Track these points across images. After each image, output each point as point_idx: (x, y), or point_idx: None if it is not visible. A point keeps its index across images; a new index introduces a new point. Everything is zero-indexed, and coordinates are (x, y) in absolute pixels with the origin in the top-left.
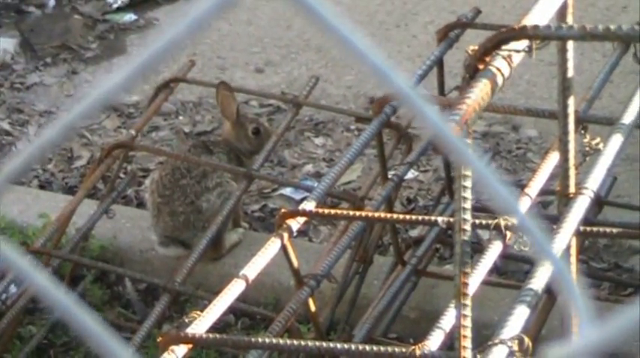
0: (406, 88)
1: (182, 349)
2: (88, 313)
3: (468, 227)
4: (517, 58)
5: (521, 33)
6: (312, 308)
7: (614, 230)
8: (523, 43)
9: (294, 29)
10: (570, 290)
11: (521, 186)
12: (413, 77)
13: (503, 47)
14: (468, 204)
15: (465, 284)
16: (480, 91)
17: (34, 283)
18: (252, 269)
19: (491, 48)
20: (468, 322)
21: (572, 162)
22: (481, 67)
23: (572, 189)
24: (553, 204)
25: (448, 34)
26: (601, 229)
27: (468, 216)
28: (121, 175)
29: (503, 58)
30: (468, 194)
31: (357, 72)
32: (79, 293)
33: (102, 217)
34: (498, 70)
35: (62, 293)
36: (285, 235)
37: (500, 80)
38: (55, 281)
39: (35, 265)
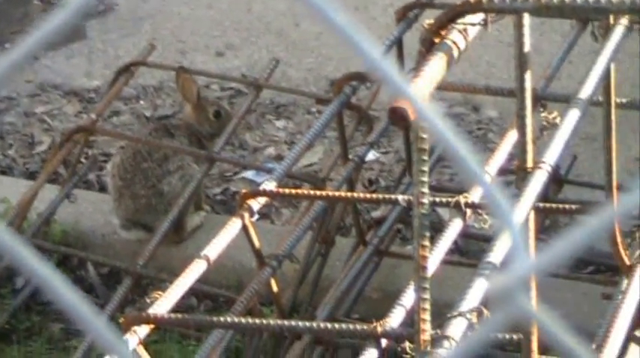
0: (376, 55)
1: (144, 329)
2: (64, 283)
3: (426, 200)
4: (473, 32)
5: (476, 6)
6: (275, 288)
7: (574, 206)
8: (479, 17)
9: (254, 12)
10: (504, 217)
11: None
12: None
13: (459, 21)
14: (425, 178)
15: (424, 258)
16: (435, 64)
17: (11, 255)
18: (214, 249)
19: (447, 21)
20: (426, 295)
21: (529, 136)
22: (437, 40)
23: (530, 163)
24: (513, 184)
25: (407, 14)
26: (560, 206)
27: (425, 189)
28: (82, 160)
29: (459, 31)
30: (425, 167)
31: (318, 55)
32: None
33: (63, 202)
34: (454, 43)
35: (39, 263)
36: (246, 215)
37: (456, 53)
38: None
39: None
